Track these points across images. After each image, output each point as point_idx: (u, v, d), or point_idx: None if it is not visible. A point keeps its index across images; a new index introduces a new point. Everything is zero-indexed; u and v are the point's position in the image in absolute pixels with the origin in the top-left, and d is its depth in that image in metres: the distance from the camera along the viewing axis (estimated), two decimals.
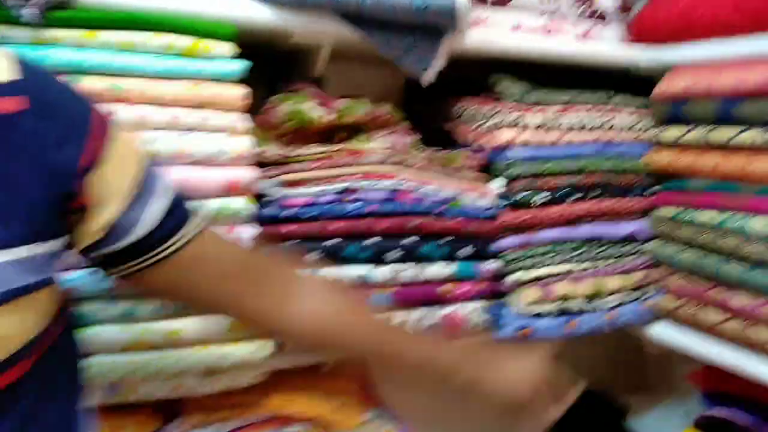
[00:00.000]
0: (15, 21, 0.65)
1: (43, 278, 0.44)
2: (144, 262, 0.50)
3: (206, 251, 0.54)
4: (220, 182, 0.75)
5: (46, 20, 0.67)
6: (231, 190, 0.76)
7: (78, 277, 0.68)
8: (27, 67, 0.43)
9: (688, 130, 1.00)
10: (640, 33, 1.06)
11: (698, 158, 0.99)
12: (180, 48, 0.73)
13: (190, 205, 0.54)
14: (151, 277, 0.52)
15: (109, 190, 0.46)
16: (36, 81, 0.43)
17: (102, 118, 0.47)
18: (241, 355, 0.78)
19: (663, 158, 1.04)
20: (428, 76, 0.88)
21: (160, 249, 0.50)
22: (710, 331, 0.98)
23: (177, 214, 0.51)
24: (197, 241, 0.53)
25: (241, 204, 0.77)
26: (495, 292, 0.95)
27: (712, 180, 0.98)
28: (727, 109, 0.93)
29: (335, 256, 0.83)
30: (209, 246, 0.55)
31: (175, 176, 0.71)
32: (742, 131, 0.91)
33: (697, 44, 0.99)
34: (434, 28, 0.85)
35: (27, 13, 0.65)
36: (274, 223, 0.81)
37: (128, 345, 0.72)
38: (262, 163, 0.82)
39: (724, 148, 0.95)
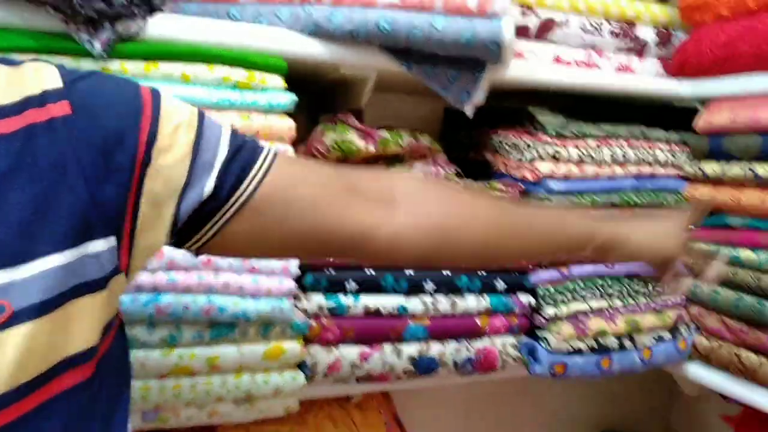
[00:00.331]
0: (84, 53, 0.67)
1: (97, 278, 0.43)
2: (225, 214, 0.47)
3: (286, 181, 0.50)
4: None
5: (113, 52, 0.69)
6: None
7: (122, 302, 0.69)
8: (67, 74, 0.44)
9: (728, 165, 0.99)
10: (682, 65, 1.06)
11: (738, 194, 0.98)
12: (234, 80, 0.75)
13: (252, 143, 0.51)
14: (238, 231, 0.48)
15: (172, 160, 0.45)
16: (76, 85, 0.44)
17: (149, 95, 0.46)
18: (276, 384, 0.78)
19: (701, 193, 1.03)
20: (470, 107, 0.89)
21: (236, 195, 0.47)
22: (746, 373, 0.96)
23: (242, 156, 0.48)
24: (273, 174, 0.49)
25: None
26: (529, 326, 0.94)
27: (752, 217, 0.97)
28: None
29: (373, 286, 0.83)
30: (287, 176, 0.50)
31: None
32: None
33: (738, 77, 0.99)
34: (477, 60, 0.86)
35: (96, 46, 0.66)
36: None
37: (168, 370, 0.73)
38: None
39: (765, 185, 0.94)
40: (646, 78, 1.06)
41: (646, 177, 1.02)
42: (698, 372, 1.05)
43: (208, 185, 0.46)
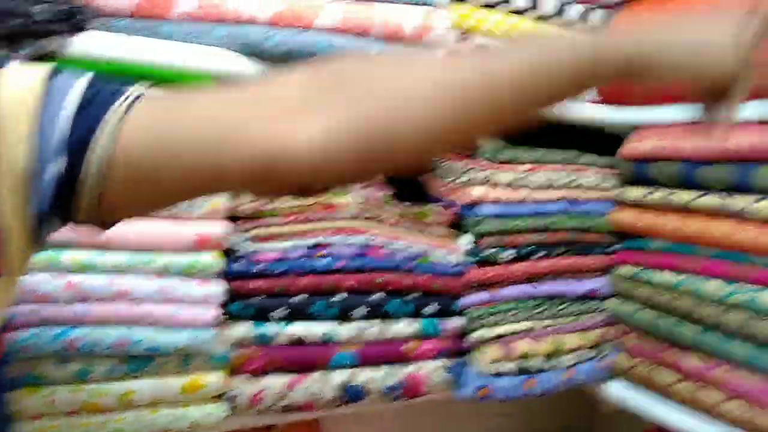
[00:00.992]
0: None
1: None
2: (86, 181, 0.40)
3: (154, 121, 0.41)
4: (191, 237, 0.73)
5: None
6: (201, 244, 0.74)
7: (30, 336, 0.64)
8: None
9: (651, 191, 1.03)
10: (615, 93, 1.09)
11: (659, 219, 1.02)
12: None
13: (112, 87, 0.42)
14: (117, 192, 0.40)
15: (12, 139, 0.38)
16: None
17: None
18: (194, 417, 0.76)
19: (625, 217, 1.07)
20: None
21: (87, 155, 0.39)
22: (663, 391, 1.01)
23: (93, 107, 0.40)
24: (134, 118, 0.40)
25: (209, 259, 0.74)
26: (457, 350, 0.95)
27: (671, 241, 1.01)
28: (689, 172, 0.97)
29: (302, 314, 0.82)
30: (155, 114, 0.41)
31: (146, 230, 0.70)
32: (701, 195, 0.95)
33: (663, 107, 1.02)
34: None
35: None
36: (242, 278, 0.79)
37: (81, 407, 0.69)
38: (235, 217, 0.79)
39: (684, 210, 0.98)
40: (579, 105, 1.08)
41: (574, 201, 1.05)
42: (618, 390, 1.09)
43: (55, 157, 0.39)
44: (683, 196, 0.97)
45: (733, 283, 0.90)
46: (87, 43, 0.68)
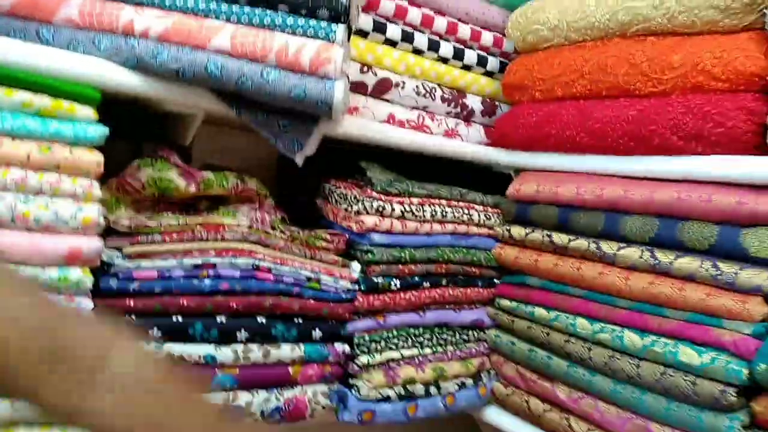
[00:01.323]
0: None
1: None
2: None
3: None
4: (62, 250, 0.70)
5: None
6: (72, 259, 0.71)
7: None
8: None
9: (531, 231, 1.10)
10: (500, 136, 1.17)
11: (537, 257, 1.09)
12: (37, 107, 0.69)
13: None
14: None
15: None
16: None
17: None
18: None
19: (508, 254, 1.14)
20: (301, 158, 0.90)
21: None
22: (535, 419, 1.07)
23: None
24: None
25: (79, 274, 0.72)
26: (342, 374, 0.96)
27: (546, 279, 1.08)
28: (565, 217, 1.05)
29: (180, 335, 0.80)
30: None
31: (12, 241, 0.67)
32: (575, 239, 1.03)
33: (544, 155, 1.10)
34: (310, 113, 0.87)
35: None
36: (118, 296, 0.76)
37: None
38: (111, 231, 0.77)
39: (560, 251, 1.05)
40: (469, 145, 1.15)
41: (461, 235, 1.10)
42: (495, 416, 1.14)
43: None
44: (560, 238, 1.04)
45: (598, 322, 0.97)
46: None
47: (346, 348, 0.96)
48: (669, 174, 0.91)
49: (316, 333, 0.92)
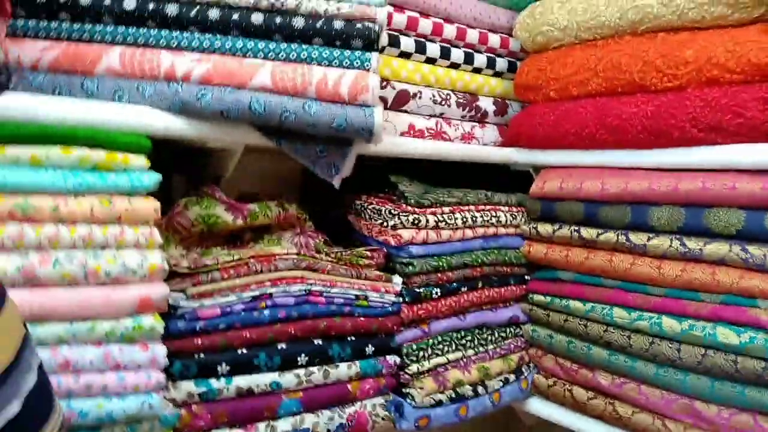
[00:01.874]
0: None
1: None
2: None
3: None
4: (133, 300, 0.72)
5: None
6: (143, 307, 0.73)
7: None
8: None
9: (559, 227, 1.13)
10: (516, 136, 1.20)
11: (567, 252, 1.12)
12: (93, 162, 0.70)
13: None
14: None
15: None
16: None
17: None
18: None
19: (537, 250, 1.17)
20: (338, 181, 0.92)
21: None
22: (580, 407, 1.11)
23: (44, 393, 0.45)
24: None
25: (151, 321, 0.73)
26: (395, 384, 0.99)
27: (577, 272, 1.12)
28: (591, 211, 1.08)
29: (246, 367, 0.82)
30: None
31: (88, 297, 0.68)
32: (603, 232, 1.06)
33: (564, 152, 1.13)
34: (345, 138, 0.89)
35: None
36: (185, 336, 0.78)
37: None
38: (172, 274, 0.79)
39: (589, 245, 1.09)
40: (491, 148, 1.18)
41: (491, 237, 1.13)
42: (538, 406, 1.18)
43: (18, 402, 0.41)
44: (588, 233, 1.07)
45: (635, 311, 1.01)
46: (7, 106, 0.66)
47: (397, 359, 0.99)
48: (692, 164, 0.95)
49: (369, 348, 0.95)
